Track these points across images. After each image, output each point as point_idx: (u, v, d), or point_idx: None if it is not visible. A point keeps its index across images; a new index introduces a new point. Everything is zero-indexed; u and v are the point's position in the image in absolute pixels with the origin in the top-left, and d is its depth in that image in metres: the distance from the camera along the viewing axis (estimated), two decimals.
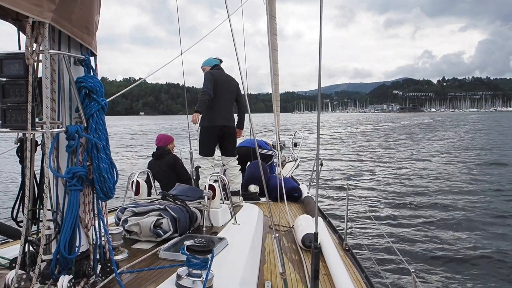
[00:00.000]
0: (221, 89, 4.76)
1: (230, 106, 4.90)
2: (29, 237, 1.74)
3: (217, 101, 4.74)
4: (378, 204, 9.62)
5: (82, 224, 1.81)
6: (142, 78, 6.84)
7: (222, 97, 4.77)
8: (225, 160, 4.99)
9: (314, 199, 4.62)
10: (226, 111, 4.82)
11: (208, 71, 4.86)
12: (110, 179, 1.82)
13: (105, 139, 1.83)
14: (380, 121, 75.99)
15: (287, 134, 20.00)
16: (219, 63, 5.03)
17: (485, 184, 11.99)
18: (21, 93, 1.58)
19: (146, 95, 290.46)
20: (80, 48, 1.83)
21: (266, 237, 3.51)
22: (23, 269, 1.73)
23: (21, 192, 1.80)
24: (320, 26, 1.77)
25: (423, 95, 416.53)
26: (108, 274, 1.95)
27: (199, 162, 5.01)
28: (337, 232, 4.15)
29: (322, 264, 2.97)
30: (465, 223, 7.84)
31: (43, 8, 1.52)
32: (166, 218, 2.85)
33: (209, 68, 4.96)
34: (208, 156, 4.87)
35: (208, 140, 4.85)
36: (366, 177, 13.63)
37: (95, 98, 1.78)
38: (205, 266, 1.81)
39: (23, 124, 1.58)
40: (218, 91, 4.74)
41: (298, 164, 8.12)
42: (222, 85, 4.79)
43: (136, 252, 2.61)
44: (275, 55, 6.45)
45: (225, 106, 4.82)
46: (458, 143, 27.01)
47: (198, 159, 5.05)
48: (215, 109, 4.73)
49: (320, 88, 2.00)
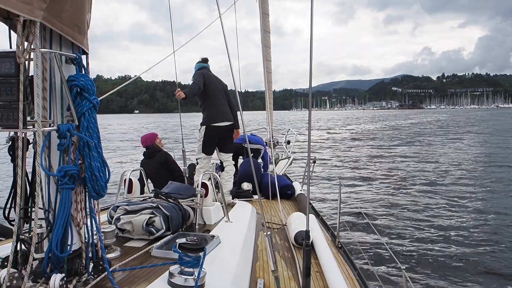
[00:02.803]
0: (213, 87, 4.75)
1: (226, 106, 4.88)
2: (21, 235, 1.74)
3: (216, 100, 4.75)
4: (371, 202, 9.69)
5: (74, 223, 1.81)
6: (137, 75, 6.82)
7: (216, 96, 4.77)
8: (223, 156, 4.98)
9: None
10: (225, 110, 4.81)
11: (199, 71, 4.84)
12: (102, 178, 1.82)
13: (96, 138, 1.83)
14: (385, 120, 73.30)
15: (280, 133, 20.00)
16: (206, 65, 5.00)
17: (482, 181, 12.13)
18: (13, 92, 1.58)
19: (141, 93, 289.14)
20: (72, 47, 1.83)
21: (259, 235, 3.52)
22: (15, 267, 1.73)
23: (13, 190, 1.80)
24: (311, 29, 1.79)
25: (422, 91, 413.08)
26: (100, 272, 1.95)
27: (199, 160, 4.97)
28: (330, 229, 4.17)
29: (314, 261, 3.00)
30: (457, 222, 7.92)
31: (34, 6, 1.52)
32: (158, 216, 2.85)
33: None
34: (210, 155, 4.89)
35: (212, 139, 4.80)
36: (359, 175, 13.71)
37: (86, 97, 1.78)
38: (197, 264, 1.82)
39: (15, 123, 1.58)
40: (212, 90, 4.72)
41: (292, 161, 8.14)
42: (214, 83, 4.79)
43: (128, 250, 2.61)
44: (268, 53, 6.46)
45: (224, 105, 4.82)
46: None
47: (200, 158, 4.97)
48: (217, 108, 4.72)
49: (311, 88, 2.02)
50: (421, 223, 7.79)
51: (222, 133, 4.81)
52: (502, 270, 5.57)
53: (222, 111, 4.77)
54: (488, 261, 5.90)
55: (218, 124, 4.71)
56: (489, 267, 5.67)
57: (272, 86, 7.45)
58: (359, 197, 10.22)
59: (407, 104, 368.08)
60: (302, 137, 13.39)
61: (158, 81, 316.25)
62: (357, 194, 10.59)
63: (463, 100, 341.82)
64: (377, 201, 9.78)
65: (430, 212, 8.54)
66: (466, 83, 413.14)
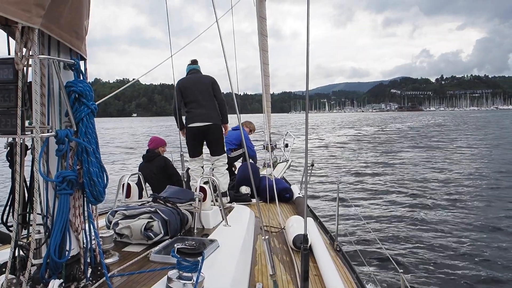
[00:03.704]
0: (189, 92, 4.89)
1: (207, 106, 4.88)
2: (19, 241, 1.74)
3: (189, 104, 4.90)
4: (370, 205, 9.69)
5: (72, 228, 1.81)
6: (135, 79, 6.85)
7: (194, 100, 4.88)
8: (211, 159, 5.09)
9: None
10: (201, 111, 4.85)
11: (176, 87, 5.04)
12: (100, 183, 1.83)
13: (95, 143, 1.84)
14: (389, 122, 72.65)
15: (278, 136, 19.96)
16: (194, 66, 5.12)
17: (483, 184, 12.15)
18: (11, 98, 1.59)
19: (139, 96, 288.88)
20: (70, 53, 1.84)
21: (258, 239, 3.52)
22: (13, 273, 1.73)
23: (11, 196, 1.80)
24: (307, 32, 1.80)
25: (421, 93, 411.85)
26: (98, 277, 1.95)
27: (189, 163, 5.09)
28: (328, 232, 4.17)
29: (313, 265, 3.00)
30: (457, 226, 7.90)
31: (32, 13, 1.52)
32: (157, 220, 2.85)
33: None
34: (194, 157, 5.00)
35: (190, 141, 4.99)
36: (357, 178, 13.72)
37: (84, 102, 1.79)
38: (196, 268, 1.82)
39: (13, 129, 1.58)
40: (187, 95, 4.90)
41: (290, 164, 8.15)
42: (190, 88, 4.90)
43: (126, 255, 2.61)
44: (266, 56, 6.49)
45: (199, 106, 4.86)
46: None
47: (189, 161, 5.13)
48: (190, 112, 4.90)
49: (308, 91, 2.03)
50: (419, 226, 7.79)
51: (199, 133, 4.89)
52: (500, 274, 5.57)
53: (199, 112, 4.85)
54: (487, 265, 5.90)
55: (192, 125, 4.85)
56: (487, 272, 5.66)
57: (271, 89, 7.48)
58: (358, 200, 10.22)
59: (406, 106, 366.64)
60: (301, 141, 13.38)
61: (157, 84, 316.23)
62: (356, 197, 10.59)
63: (462, 102, 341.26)
64: (375, 204, 9.79)
65: (429, 216, 8.54)
66: (465, 85, 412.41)
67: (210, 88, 4.94)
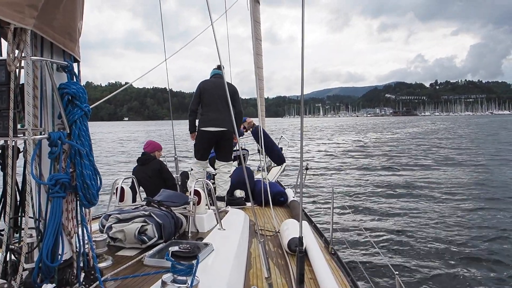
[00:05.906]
0: (209, 96, 4.86)
1: (223, 112, 4.82)
2: (10, 245, 1.72)
3: (207, 108, 4.86)
4: (364, 208, 9.70)
5: (65, 232, 1.79)
6: (128, 83, 6.84)
7: (212, 103, 4.85)
8: (217, 164, 5.05)
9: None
10: (217, 116, 4.81)
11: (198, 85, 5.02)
12: (93, 186, 1.81)
13: (88, 146, 1.82)
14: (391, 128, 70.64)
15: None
16: (218, 71, 5.15)
17: (476, 185, 12.27)
18: (3, 100, 1.57)
19: (131, 100, 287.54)
20: (63, 54, 1.82)
21: (252, 242, 3.51)
22: (4, 278, 1.70)
23: (3, 199, 1.78)
24: (302, 37, 1.80)
25: (415, 98, 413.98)
26: (91, 282, 1.93)
27: (192, 165, 5.05)
28: (323, 236, 4.17)
29: (308, 268, 2.99)
30: (452, 228, 7.92)
31: (25, 14, 1.51)
32: (151, 224, 2.83)
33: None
34: (201, 160, 4.96)
35: (201, 144, 4.93)
36: (352, 181, 13.75)
37: (78, 105, 1.77)
38: (190, 272, 1.80)
39: (5, 131, 1.56)
40: (207, 99, 4.87)
41: (284, 168, 8.14)
42: (210, 92, 4.88)
43: (120, 259, 2.59)
44: (260, 60, 6.51)
45: (217, 111, 4.83)
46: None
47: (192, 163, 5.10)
48: (209, 114, 4.84)
49: (303, 95, 2.03)
50: (414, 229, 7.81)
51: (211, 138, 4.85)
52: (496, 277, 5.59)
53: (214, 117, 4.81)
54: (483, 267, 5.92)
55: (206, 128, 4.81)
56: (483, 274, 5.68)
57: (266, 93, 7.50)
58: (352, 203, 10.24)
59: (401, 111, 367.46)
60: (295, 145, 13.38)
61: (149, 88, 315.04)
62: (350, 200, 10.61)
63: (456, 107, 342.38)
64: (370, 207, 9.80)
65: (424, 219, 8.57)
66: (459, 90, 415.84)
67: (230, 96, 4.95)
